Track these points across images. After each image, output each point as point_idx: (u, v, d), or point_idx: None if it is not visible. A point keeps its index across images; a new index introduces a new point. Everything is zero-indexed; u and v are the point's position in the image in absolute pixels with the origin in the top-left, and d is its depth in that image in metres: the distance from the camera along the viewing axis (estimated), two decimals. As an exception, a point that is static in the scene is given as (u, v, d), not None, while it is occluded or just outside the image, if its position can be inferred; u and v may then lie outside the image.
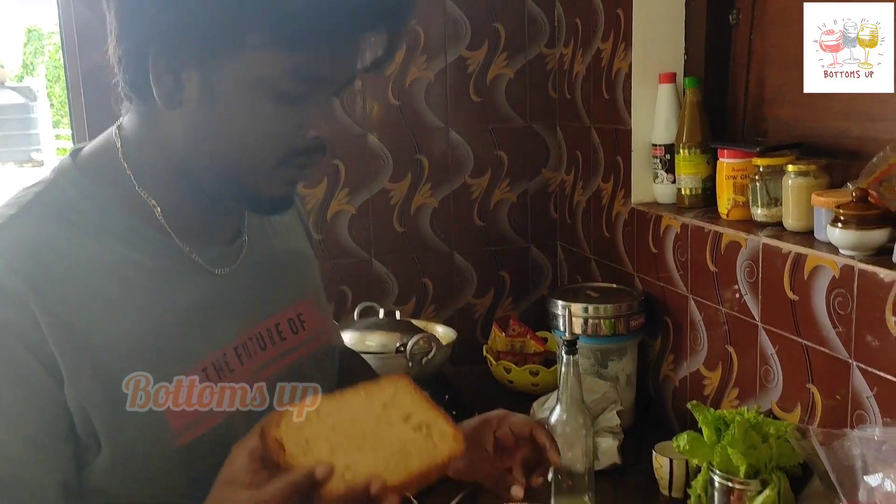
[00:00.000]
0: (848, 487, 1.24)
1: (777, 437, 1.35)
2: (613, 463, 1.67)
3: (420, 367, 1.72)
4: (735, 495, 1.37)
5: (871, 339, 1.22)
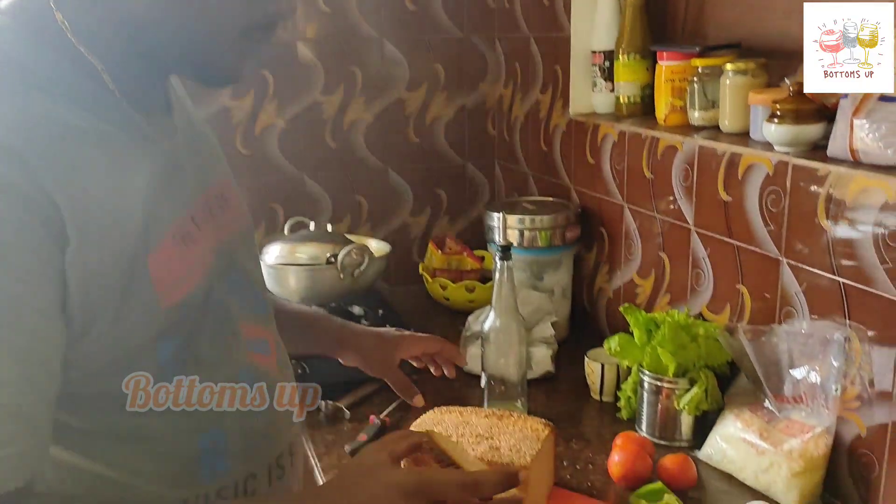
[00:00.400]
0: (774, 382, 1.25)
1: (706, 338, 1.36)
2: (547, 371, 1.67)
3: (352, 279, 1.67)
4: (664, 394, 1.38)
5: (802, 235, 1.22)
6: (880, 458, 1.13)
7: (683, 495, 1.22)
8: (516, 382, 1.47)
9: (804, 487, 1.18)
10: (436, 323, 2.03)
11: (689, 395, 1.34)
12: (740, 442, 1.26)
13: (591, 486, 1.27)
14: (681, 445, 1.38)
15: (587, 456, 1.36)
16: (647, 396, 1.40)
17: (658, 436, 1.39)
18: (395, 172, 2.29)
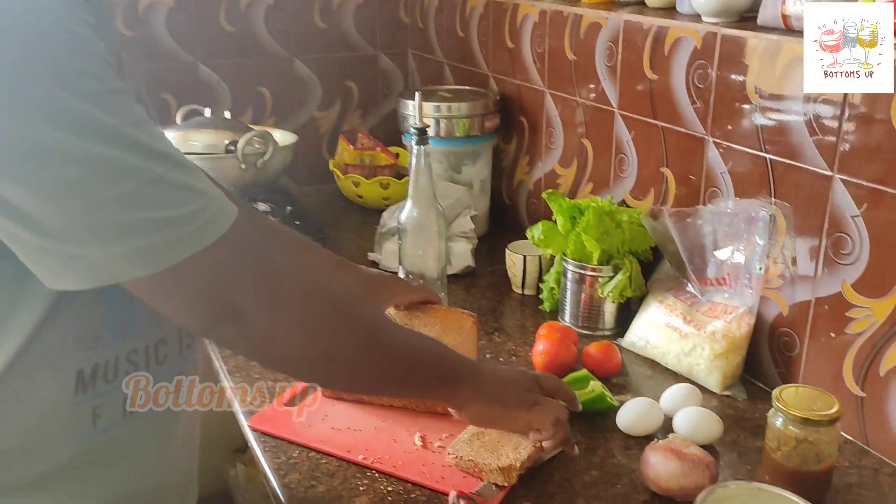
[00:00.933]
0: (698, 265, 1.23)
1: (630, 223, 1.32)
2: (467, 266, 1.61)
3: (255, 170, 1.54)
4: (587, 283, 1.34)
5: (729, 112, 1.17)
6: (801, 335, 1.12)
7: (608, 382, 1.20)
8: (436, 277, 1.40)
9: (726, 368, 1.17)
10: (349, 222, 1.94)
11: (614, 282, 1.31)
12: (663, 327, 1.24)
13: (515, 377, 1.23)
14: (604, 334, 1.36)
15: (510, 348, 1.32)
16: (570, 286, 1.36)
17: (581, 325, 1.36)
18: (300, 62, 2.12)
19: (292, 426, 1.09)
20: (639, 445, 1.06)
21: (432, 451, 1.04)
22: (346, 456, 1.03)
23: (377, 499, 0.95)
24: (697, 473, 0.92)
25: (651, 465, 0.94)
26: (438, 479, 0.98)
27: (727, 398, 1.17)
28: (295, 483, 0.98)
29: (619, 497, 0.96)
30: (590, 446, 1.06)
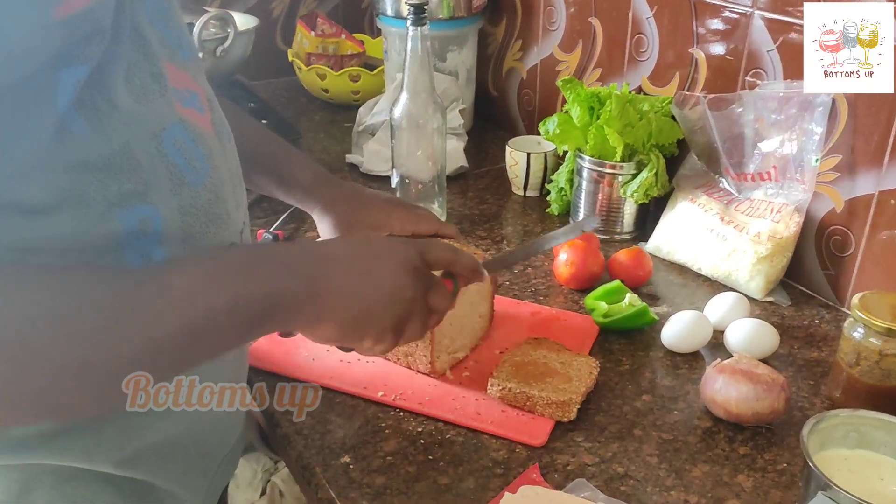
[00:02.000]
0: (737, 158, 1.09)
1: (655, 113, 1.17)
2: (460, 166, 1.45)
3: (214, 60, 1.32)
4: (606, 182, 1.20)
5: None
6: (858, 234, 1.01)
7: (638, 292, 1.08)
8: (433, 180, 1.24)
9: (769, 273, 1.06)
10: (314, 120, 1.74)
11: (638, 180, 1.17)
12: (697, 228, 1.12)
13: (536, 291, 1.10)
14: (623, 239, 1.23)
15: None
16: (586, 185, 1.22)
17: (597, 230, 1.23)
18: (246, -64, 1.85)
19: (293, 361, 0.94)
20: (687, 364, 0.95)
21: (459, 383, 0.91)
22: (363, 393, 0.89)
23: (407, 441, 0.83)
24: (772, 396, 0.81)
25: (717, 388, 0.83)
26: (474, 416, 0.86)
27: (770, 305, 1.07)
28: (308, 428, 0.85)
29: (679, 424, 0.85)
30: (634, 367, 0.95)
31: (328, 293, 0.60)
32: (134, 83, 0.56)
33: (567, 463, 0.80)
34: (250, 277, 0.55)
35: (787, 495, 0.76)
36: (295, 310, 0.59)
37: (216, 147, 0.63)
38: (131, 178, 0.55)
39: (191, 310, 0.51)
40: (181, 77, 0.61)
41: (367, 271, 0.64)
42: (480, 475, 0.78)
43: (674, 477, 0.78)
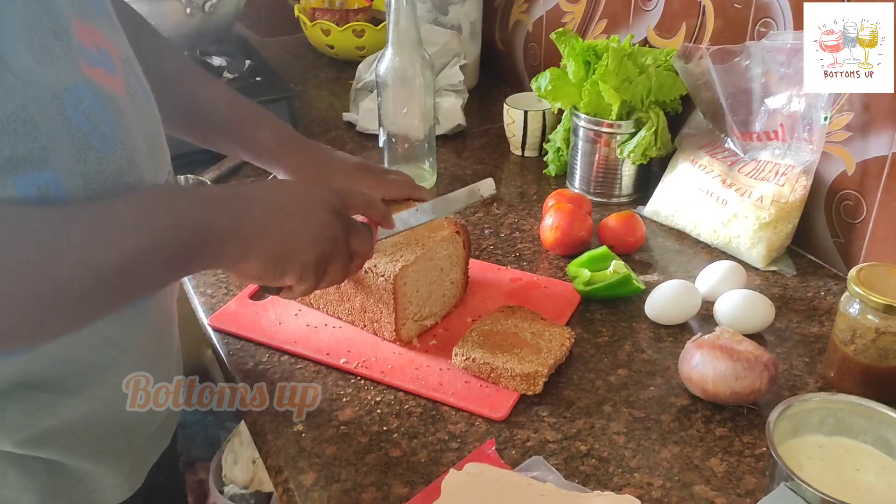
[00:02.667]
0: (742, 115, 1.01)
1: (656, 67, 1.09)
2: (457, 125, 1.38)
3: (203, 15, 1.28)
4: (603, 141, 1.13)
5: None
6: (870, 198, 0.93)
7: (629, 259, 1.02)
8: (422, 139, 1.19)
9: (773, 240, 0.99)
10: (319, 77, 1.70)
11: (636, 140, 1.09)
12: (696, 192, 1.05)
13: (520, 256, 1.04)
14: (621, 202, 1.16)
15: (511, 221, 1.12)
16: (581, 145, 1.15)
17: (594, 192, 1.17)
18: None
19: (260, 324, 0.91)
20: (672, 336, 0.89)
21: (425, 352, 0.87)
22: (325, 360, 0.85)
23: (363, 411, 0.79)
24: (753, 375, 0.75)
25: (694, 365, 0.77)
26: (436, 387, 0.81)
27: (773, 274, 1.00)
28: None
29: (653, 402, 0.80)
30: (613, 339, 0.89)
31: (252, 229, 0.61)
32: (33, 42, 0.51)
33: (527, 439, 0.75)
34: (178, 214, 0.56)
35: (761, 482, 0.70)
36: (220, 245, 0.59)
37: (129, 110, 0.59)
38: (27, 142, 0.51)
39: (124, 243, 0.52)
40: (91, 34, 0.57)
41: (291, 210, 0.65)
42: (434, 449, 0.74)
43: (640, 458, 0.73)
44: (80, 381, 0.60)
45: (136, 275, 0.53)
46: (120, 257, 0.51)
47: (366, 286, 0.85)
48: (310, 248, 0.65)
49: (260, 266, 0.63)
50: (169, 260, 0.55)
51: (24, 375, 0.57)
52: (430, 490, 0.68)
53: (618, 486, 0.70)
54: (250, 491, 1.52)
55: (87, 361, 0.60)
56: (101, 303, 0.53)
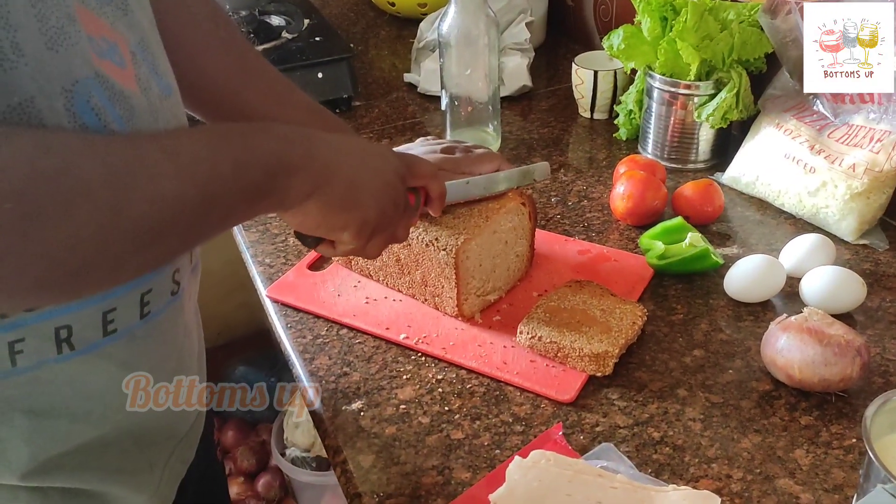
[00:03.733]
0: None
1: (739, 23, 1.01)
2: (523, 86, 1.33)
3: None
4: (679, 104, 1.06)
5: None
6: (977, 168, 0.85)
7: (706, 231, 0.96)
8: (486, 101, 1.14)
9: (864, 212, 0.91)
10: (381, 36, 1.65)
11: (715, 102, 1.02)
12: (781, 158, 0.98)
13: (588, 226, 0.99)
14: (698, 168, 1.10)
15: (580, 188, 1.07)
16: (656, 108, 1.09)
17: (668, 158, 1.10)
18: None
19: (318, 296, 0.89)
20: (752, 315, 0.83)
21: (489, 328, 0.83)
22: (385, 335, 0.83)
23: (424, 390, 0.76)
24: (845, 362, 0.69)
25: (779, 349, 0.72)
26: (500, 365, 0.78)
27: (863, 248, 0.93)
28: (324, 370, 0.80)
29: (731, 386, 0.75)
30: (689, 317, 0.84)
31: (323, 169, 0.58)
32: (48, 22, 0.46)
33: (596, 423, 0.71)
34: (252, 144, 0.53)
35: (850, 477, 0.65)
36: (289, 180, 0.56)
37: (142, 107, 0.53)
38: None
39: (198, 173, 0.49)
40: (96, 23, 0.51)
41: (362, 162, 0.63)
42: (497, 431, 0.71)
43: (717, 447, 0.68)
44: (87, 406, 0.56)
45: (210, 209, 0.50)
46: (195, 188, 0.48)
47: (427, 259, 0.82)
48: (374, 205, 0.63)
49: (322, 210, 0.60)
50: (242, 192, 0.52)
51: (26, 402, 0.53)
52: (493, 476, 0.65)
53: (694, 478, 0.66)
54: (311, 455, 1.53)
55: (94, 386, 0.56)
56: (177, 239, 0.50)
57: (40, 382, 0.53)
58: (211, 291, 2.01)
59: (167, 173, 0.46)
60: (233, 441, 1.74)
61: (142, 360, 0.58)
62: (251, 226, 1.02)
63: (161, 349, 0.61)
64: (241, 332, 2.00)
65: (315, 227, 0.62)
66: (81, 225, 0.42)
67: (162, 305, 0.59)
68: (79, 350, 0.54)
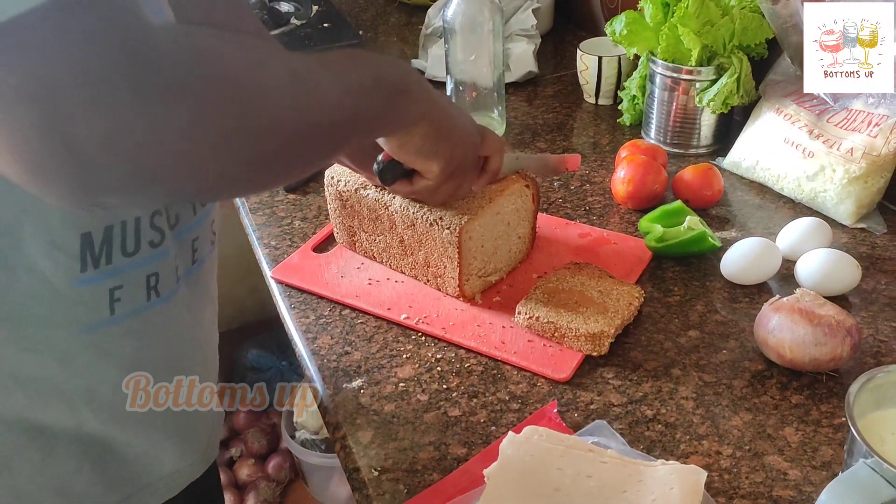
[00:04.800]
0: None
1: (740, 9, 1.01)
2: (528, 72, 1.34)
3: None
4: (681, 89, 1.07)
5: None
6: (975, 152, 0.85)
7: (706, 214, 0.97)
8: (491, 87, 1.15)
9: (862, 195, 0.92)
10: (390, 22, 1.66)
11: (716, 87, 1.03)
12: (780, 143, 0.98)
13: (590, 210, 1.01)
14: (699, 153, 1.11)
15: (583, 173, 1.09)
16: (658, 93, 1.09)
17: (671, 143, 1.11)
18: None
19: (322, 277, 0.91)
20: (748, 297, 0.85)
21: (488, 308, 0.85)
22: (386, 315, 0.85)
23: (423, 369, 0.78)
24: (835, 342, 0.70)
25: (770, 329, 0.73)
26: (498, 345, 0.80)
27: (861, 232, 0.93)
28: (325, 349, 0.82)
29: (725, 366, 0.76)
30: (685, 298, 0.85)
31: (431, 98, 0.66)
32: None
33: (591, 402, 0.73)
34: (383, 67, 0.61)
35: (838, 454, 0.66)
36: (409, 101, 0.63)
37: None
38: None
39: (350, 85, 0.55)
40: None
41: (453, 107, 0.72)
42: (494, 409, 0.73)
43: (709, 424, 0.70)
44: (168, 352, 0.62)
45: (354, 119, 0.56)
46: (348, 97, 0.54)
47: (431, 239, 0.84)
48: (462, 146, 0.71)
49: (424, 136, 0.67)
50: (376, 108, 0.59)
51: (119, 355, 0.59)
52: (488, 452, 0.67)
53: (684, 454, 0.67)
54: (321, 437, 1.56)
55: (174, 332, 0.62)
56: (328, 145, 0.55)
57: (133, 333, 0.58)
58: (224, 276, 2.05)
59: (329, 83, 0.52)
60: (244, 423, 1.77)
61: (195, 303, 0.65)
62: (258, 209, 1.04)
63: (204, 298, 0.67)
64: (254, 317, 2.03)
65: (414, 151, 0.69)
66: (271, 119, 0.45)
67: (205, 253, 0.65)
68: (163, 296, 0.60)
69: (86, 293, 0.55)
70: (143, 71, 0.38)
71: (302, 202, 1.05)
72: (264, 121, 0.45)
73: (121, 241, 0.56)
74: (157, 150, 0.40)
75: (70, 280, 0.54)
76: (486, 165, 0.80)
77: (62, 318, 0.55)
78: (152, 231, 0.58)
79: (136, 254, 0.57)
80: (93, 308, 0.56)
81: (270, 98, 0.45)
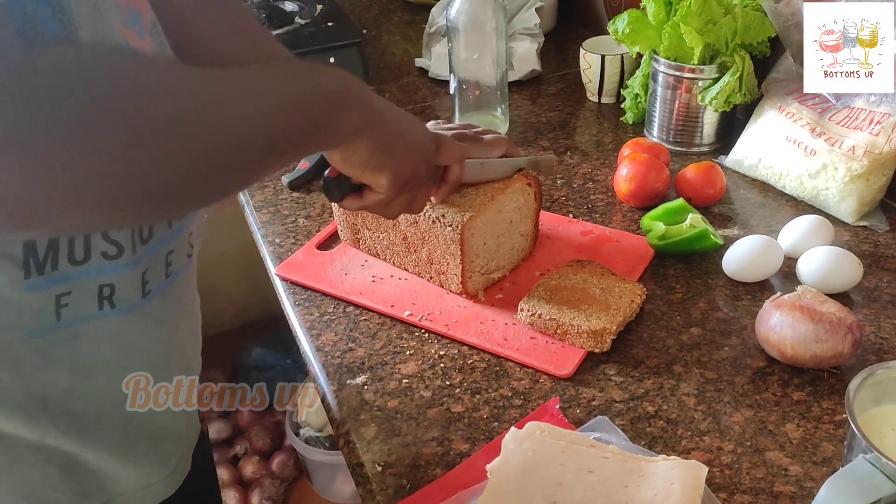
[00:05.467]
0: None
1: (743, 7, 1.02)
2: (532, 70, 1.34)
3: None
4: (684, 87, 1.07)
5: None
6: (977, 150, 0.85)
7: (708, 212, 0.98)
8: (494, 86, 1.15)
9: (864, 193, 0.92)
10: (394, 21, 1.67)
11: (719, 85, 1.03)
12: (782, 141, 0.99)
13: (592, 208, 1.01)
14: (702, 151, 1.11)
15: (585, 171, 1.09)
16: (661, 92, 1.10)
17: (673, 141, 1.11)
18: None
19: (326, 275, 0.91)
20: (750, 294, 0.85)
21: (491, 305, 0.85)
22: (390, 312, 0.85)
23: (426, 365, 0.79)
24: (836, 339, 0.71)
25: (771, 326, 0.73)
26: (500, 342, 0.80)
27: (863, 230, 0.94)
28: (329, 345, 0.82)
29: (726, 363, 0.77)
30: (687, 296, 0.85)
31: (373, 110, 0.63)
32: None
33: (593, 398, 0.74)
34: (311, 80, 0.57)
35: (839, 450, 0.67)
36: (345, 114, 0.59)
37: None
38: None
39: (268, 105, 0.52)
40: None
41: (404, 116, 0.69)
42: (496, 405, 0.74)
43: (710, 420, 0.70)
44: (127, 363, 0.60)
45: (281, 136, 0.53)
46: (265, 118, 0.51)
47: (433, 236, 0.84)
48: (411, 158, 0.68)
49: (369, 149, 0.64)
50: (307, 122, 0.55)
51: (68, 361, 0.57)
52: (491, 447, 0.68)
53: (686, 450, 0.68)
54: (325, 434, 1.57)
55: (135, 344, 0.60)
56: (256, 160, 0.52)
57: (81, 338, 0.56)
58: (227, 275, 2.06)
59: (244, 103, 0.49)
60: (248, 421, 1.78)
61: (169, 316, 0.62)
62: (262, 207, 1.04)
63: (180, 310, 0.65)
64: (257, 315, 2.04)
65: (359, 165, 0.65)
66: (166, 146, 0.43)
67: (180, 266, 0.63)
68: (119, 308, 0.58)
69: (32, 299, 0.54)
70: (10, 99, 0.36)
71: (306, 200, 1.05)
72: (157, 148, 0.42)
73: (68, 249, 0.54)
74: (30, 187, 0.37)
75: (15, 286, 0.53)
76: (445, 175, 0.78)
77: (9, 322, 0.54)
78: (106, 243, 0.56)
79: (85, 262, 0.55)
80: (39, 313, 0.54)
81: (161, 125, 0.43)
